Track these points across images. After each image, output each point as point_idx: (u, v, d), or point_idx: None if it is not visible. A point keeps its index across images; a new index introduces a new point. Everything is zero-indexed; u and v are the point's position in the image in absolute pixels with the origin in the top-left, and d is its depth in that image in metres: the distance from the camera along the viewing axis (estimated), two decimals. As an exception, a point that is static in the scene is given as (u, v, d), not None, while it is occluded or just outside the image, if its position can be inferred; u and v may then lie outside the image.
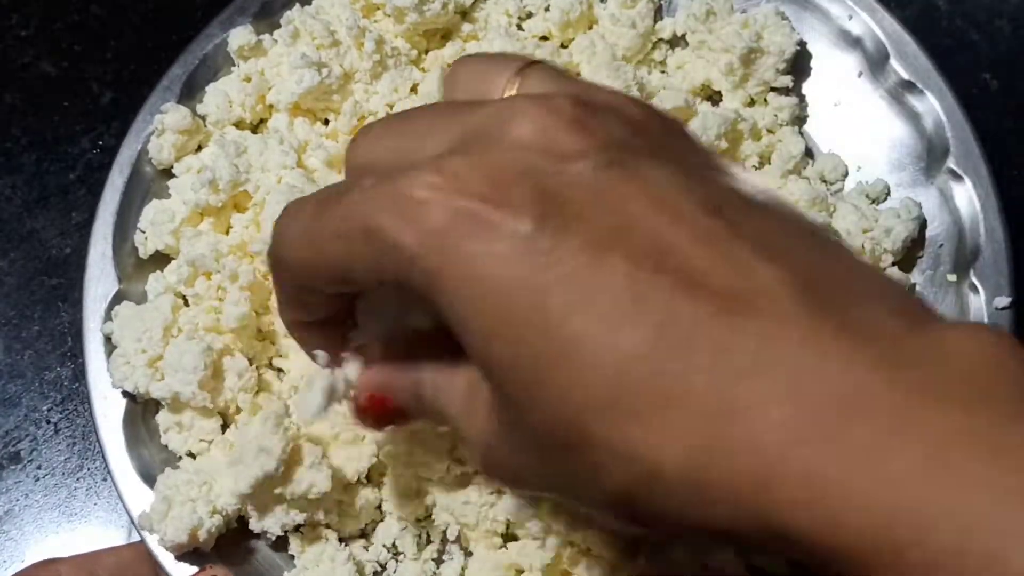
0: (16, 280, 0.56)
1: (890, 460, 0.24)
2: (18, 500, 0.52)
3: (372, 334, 0.36)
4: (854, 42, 0.51)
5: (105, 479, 0.52)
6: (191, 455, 0.45)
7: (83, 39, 0.60)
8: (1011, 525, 0.23)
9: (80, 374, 0.47)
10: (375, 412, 0.36)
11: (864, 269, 0.29)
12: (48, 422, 0.53)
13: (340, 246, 0.31)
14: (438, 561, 0.45)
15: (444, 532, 0.45)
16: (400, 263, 0.29)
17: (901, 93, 0.50)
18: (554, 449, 0.28)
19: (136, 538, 0.44)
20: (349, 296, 0.36)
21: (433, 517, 0.44)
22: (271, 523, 0.43)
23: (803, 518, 0.24)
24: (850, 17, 0.51)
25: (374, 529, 0.45)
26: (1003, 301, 0.45)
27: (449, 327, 0.29)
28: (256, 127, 0.51)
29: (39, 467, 0.52)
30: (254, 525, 0.43)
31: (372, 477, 0.45)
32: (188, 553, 0.43)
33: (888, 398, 0.24)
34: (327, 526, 0.44)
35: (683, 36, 0.52)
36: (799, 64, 0.51)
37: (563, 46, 0.52)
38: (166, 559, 0.43)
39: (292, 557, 0.44)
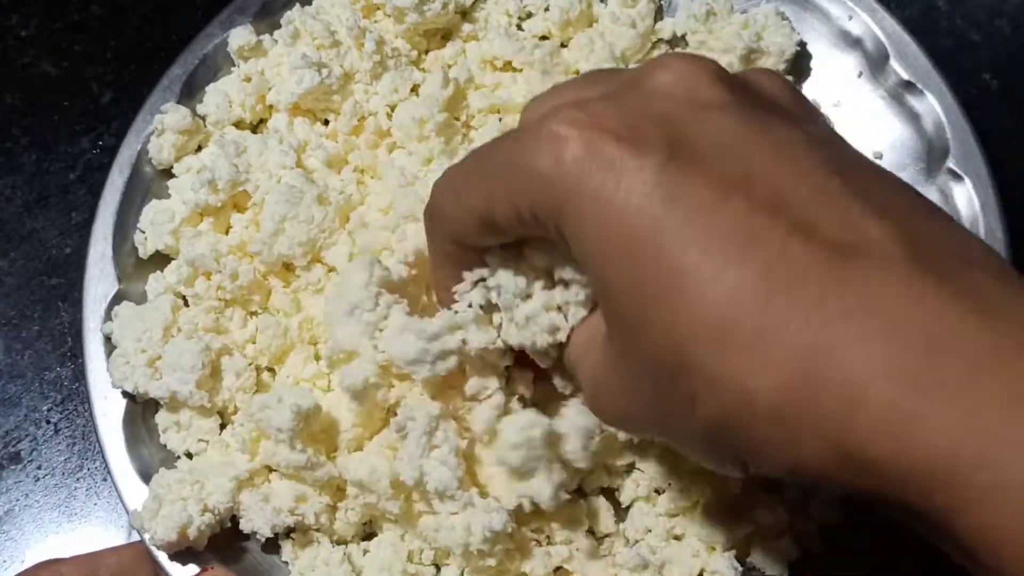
0: (16, 280, 0.56)
1: (969, 395, 0.25)
2: (18, 500, 0.52)
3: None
4: (854, 42, 0.51)
5: (105, 479, 0.52)
6: (189, 455, 0.45)
7: (83, 39, 0.60)
8: None
9: (80, 374, 0.47)
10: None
11: (966, 235, 0.31)
12: (48, 422, 0.53)
13: (485, 187, 0.34)
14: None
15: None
16: (535, 192, 0.32)
17: (901, 93, 0.50)
18: (658, 376, 0.30)
19: (137, 538, 0.44)
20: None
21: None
22: (260, 523, 0.43)
23: (882, 444, 0.26)
24: (850, 17, 0.51)
25: (369, 534, 0.45)
26: None
27: (574, 255, 0.32)
28: (256, 127, 0.51)
29: (39, 467, 0.52)
30: (244, 525, 0.43)
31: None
32: (185, 552, 0.43)
33: (975, 341, 0.26)
34: (317, 530, 0.44)
35: (683, 36, 0.52)
36: (799, 64, 0.51)
37: (563, 45, 0.52)
38: (166, 559, 0.43)
39: (286, 563, 0.44)
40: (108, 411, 0.45)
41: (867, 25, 0.51)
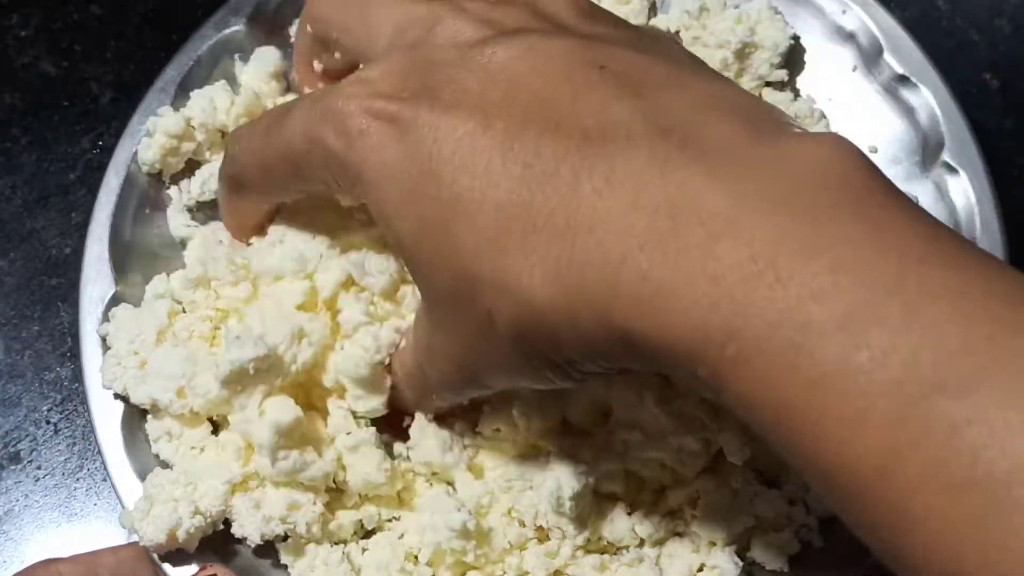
0: (16, 280, 0.56)
1: (712, 261, 0.26)
2: (18, 500, 0.52)
3: None
4: (848, 37, 0.51)
5: (105, 479, 0.52)
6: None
7: (83, 39, 0.60)
8: (812, 318, 0.25)
9: (80, 375, 0.47)
10: None
11: (720, 88, 0.31)
12: (48, 422, 0.53)
13: (289, 157, 0.36)
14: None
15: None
16: (337, 168, 0.34)
17: (895, 87, 0.50)
18: (460, 308, 0.32)
19: (136, 538, 0.44)
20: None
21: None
22: (251, 530, 0.43)
23: (641, 320, 0.27)
24: (844, 12, 0.51)
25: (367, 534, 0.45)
26: None
27: (378, 225, 0.35)
28: None
29: (39, 467, 0.52)
30: (236, 530, 0.43)
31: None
32: (177, 553, 0.43)
33: (717, 204, 0.27)
34: (308, 541, 0.44)
35: (677, 32, 0.52)
36: (793, 59, 0.51)
37: None
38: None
39: (276, 564, 0.44)
40: (106, 413, 0.45)
41: (861, 19, 0.51)
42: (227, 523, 0.43)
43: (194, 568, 0.43)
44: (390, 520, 0.45)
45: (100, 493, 0.52)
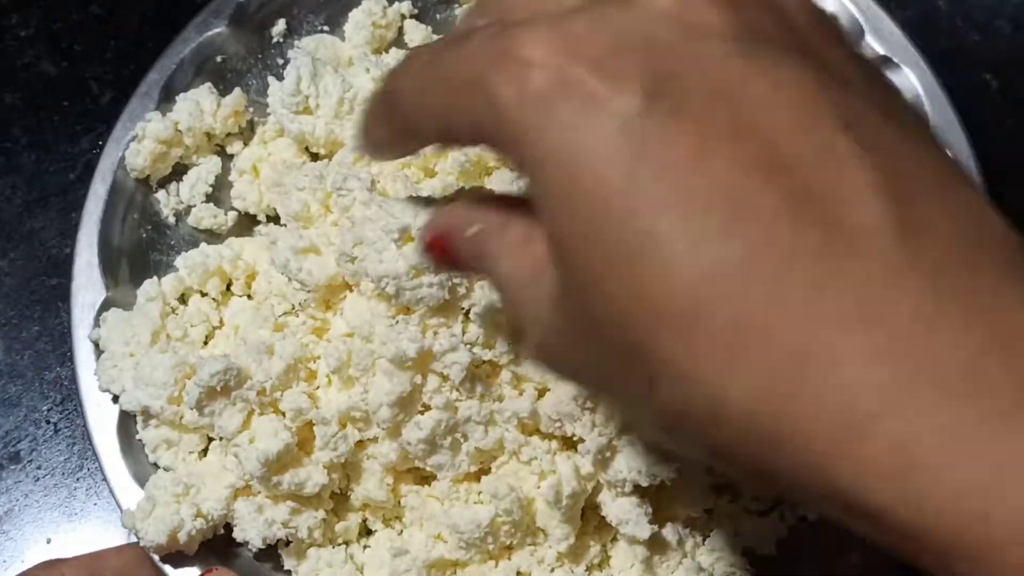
0: (16, 280, 0.56)
1: (996, 448, 0.22)
2: (18, 500, 0.52)
3: None
4: (828, 19, 0.51)
5: (105, 479, 0.52)
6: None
7: (83, 39, 0.60)
8: None
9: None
10: (435, 252, 0.34)
11: (990, 221, 0.26)
12: (48, 422, 0.53)
13: (445, 94, 0.29)
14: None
15: None
16: (495, 121, 0.27)
17: (877, 69, 0.50)
18: (613, 346, 0.26)
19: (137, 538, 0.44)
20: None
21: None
22: (253, 534, 0.43)
23: (886, 491, 0.23)
24: None
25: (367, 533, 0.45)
26: None
27: (530, 197, 0.28)
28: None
29: (39, 467, 0.52)
30: (238, 534, 0.43)
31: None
32: (178, 556, 0.43)
33: (999, 384, 0.22)
34: (311, 545, 0.44)
35: None
36: (773, 44, 0.51)
37: None
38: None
39: (277, 567, 0.44)
40: (102, 418, 0.45)
41: (841, 2, 0.50)
42: (228, 528, 0.44)
43: (196, 571, 0.43)
44: (391, 520, 0.45)
45: (100, 493, 0.52)
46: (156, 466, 0.45)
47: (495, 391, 0.42)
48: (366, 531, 0.45)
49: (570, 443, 0.42)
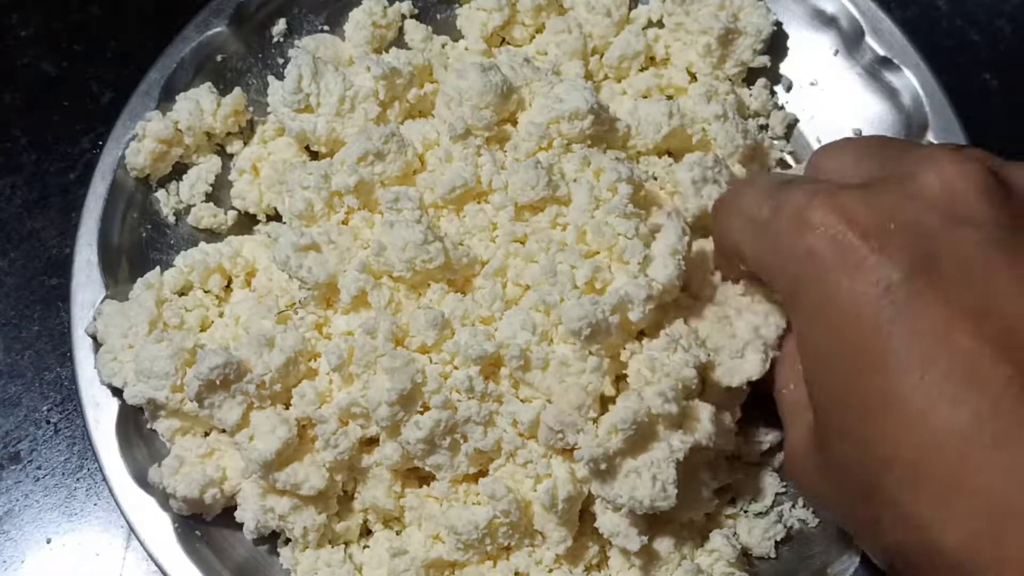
0: (16, 280, 0.55)
1: None
2: (18, 500, 0.52)
3: None
4: (829, 21, 0.51)
5: (104, 479, 0.52)
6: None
7: (83, 39, 0.60)
8: None
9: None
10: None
11: None
12: (48, 422, 0.53)
13: (745, 229, 0.35)
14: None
15: None
16: (776, 265, 0.33)
17: (878, 70, 0.50)
18: (849, 485, 0.31)
19: (134, 541, 0.44)
20: None
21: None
22: (249, 516, 0.43)
23: None
24: None
25: (367, 533, 0.45)
26: None
27: (795, 331, 0.33)
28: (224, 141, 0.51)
29: (39, 467, 0.52)
30: (238, 514, 0.44)
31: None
32: (179, 557, 0.43)
33: None
34: (305, 547, 0.44)
35: (659, 20, 0.52)
36: (776, 44, 0.52)
37: (538, 32, 0.53)
38: (167, 560, 0.43)
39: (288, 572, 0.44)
40: (100, 417, 0.45)
41: (841, 3, 0.51)
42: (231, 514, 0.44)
43: (196, 571, 0.43)
44: (390, 521, 0.45)
45: (100, 493, 0.52)
46: (158, 451, 0.45)
47: (495, 391, 0.41)
48: (366, 531, 0.45)
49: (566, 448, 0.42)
